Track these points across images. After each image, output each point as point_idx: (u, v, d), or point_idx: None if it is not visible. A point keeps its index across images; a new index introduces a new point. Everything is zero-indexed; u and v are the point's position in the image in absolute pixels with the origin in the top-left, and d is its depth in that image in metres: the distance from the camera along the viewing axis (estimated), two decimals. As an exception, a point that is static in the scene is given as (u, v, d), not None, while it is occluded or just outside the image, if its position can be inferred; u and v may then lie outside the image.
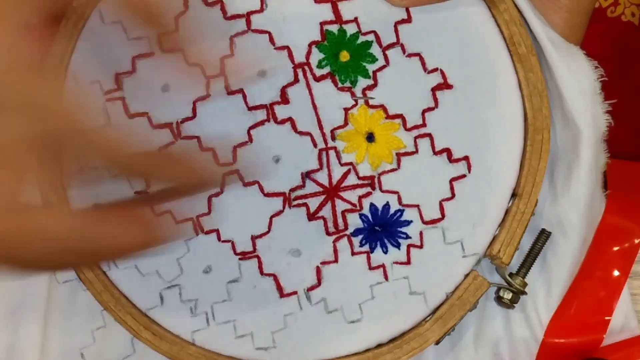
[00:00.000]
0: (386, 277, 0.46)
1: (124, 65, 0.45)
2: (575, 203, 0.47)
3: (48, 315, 0.47)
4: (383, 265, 0.46)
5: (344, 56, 0.45)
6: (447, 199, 0.46)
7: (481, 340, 0.49)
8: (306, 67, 0.45)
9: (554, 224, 0.48)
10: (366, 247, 0.46)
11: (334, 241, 0.46)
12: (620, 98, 0.47)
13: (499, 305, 0.48)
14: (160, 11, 0.37)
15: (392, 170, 0.46)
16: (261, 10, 0.45)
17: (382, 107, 0.46)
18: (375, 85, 0.45)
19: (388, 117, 0.46)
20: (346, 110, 0.46)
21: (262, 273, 0.46)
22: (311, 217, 0.46)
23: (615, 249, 0.50)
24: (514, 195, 0.46)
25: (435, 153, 0.46)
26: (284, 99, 0.45)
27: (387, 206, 0.46)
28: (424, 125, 0.46)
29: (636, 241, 0.50)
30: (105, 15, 0.45)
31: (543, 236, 0.47)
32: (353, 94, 0.45)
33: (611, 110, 0.47)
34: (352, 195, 0.46)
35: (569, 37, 0.47)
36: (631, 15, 0.58)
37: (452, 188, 0.46)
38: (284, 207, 0.45)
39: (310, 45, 0.45)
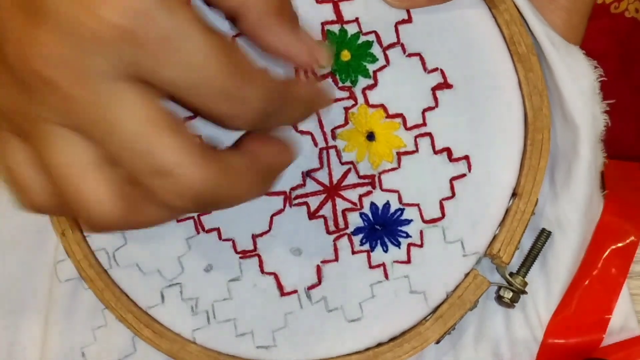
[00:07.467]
0: (386, 276, 0.46)
1: None
2: (575, 202, 0.47)
3: (49, 314, 0.47)
4: (383, 264, 0.46)
5: (345, 56, 0.45)
6: (447, 198, 0.46)
7: (481, 339, 0.49)
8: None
9: (554, 223, 0.48)
10: (366, 246, 0.46)
11: (334, 240, 0.46)
12: (624, 94, 0.47)
13: (500, 305, 0.48)
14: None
15: (393, 169, 0.46)
16: (262, 10, 0.45)
17: (382, 106, 0.46)
18: (375, 84, 0.46)
19: (388, 116, 0.46)
20: (346, 109, 0.46)
21: (262, 272, 0.46)
22: (312, 216, 0.46)
23: (614, 248, 0.50)
24: (514, 194, 0.46)
25: (435, 152, 0.46)
26: (285, 99, 0.45)
27: (387, 205, 0.46)
28: (424, 124, 0.46)
29: (634, 239, 0.50)
30: None
31: (543, 236, 0.47)
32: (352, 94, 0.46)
33: (613, 108, 0.47)
34: (353, 194, 0.46)
35: (568, 37, 0.47)
36: (635, 11, 0.58)
37: (452, 187, 0.46)
38: (284, 206, 0.46)
39: (311, 44, 0.45)
